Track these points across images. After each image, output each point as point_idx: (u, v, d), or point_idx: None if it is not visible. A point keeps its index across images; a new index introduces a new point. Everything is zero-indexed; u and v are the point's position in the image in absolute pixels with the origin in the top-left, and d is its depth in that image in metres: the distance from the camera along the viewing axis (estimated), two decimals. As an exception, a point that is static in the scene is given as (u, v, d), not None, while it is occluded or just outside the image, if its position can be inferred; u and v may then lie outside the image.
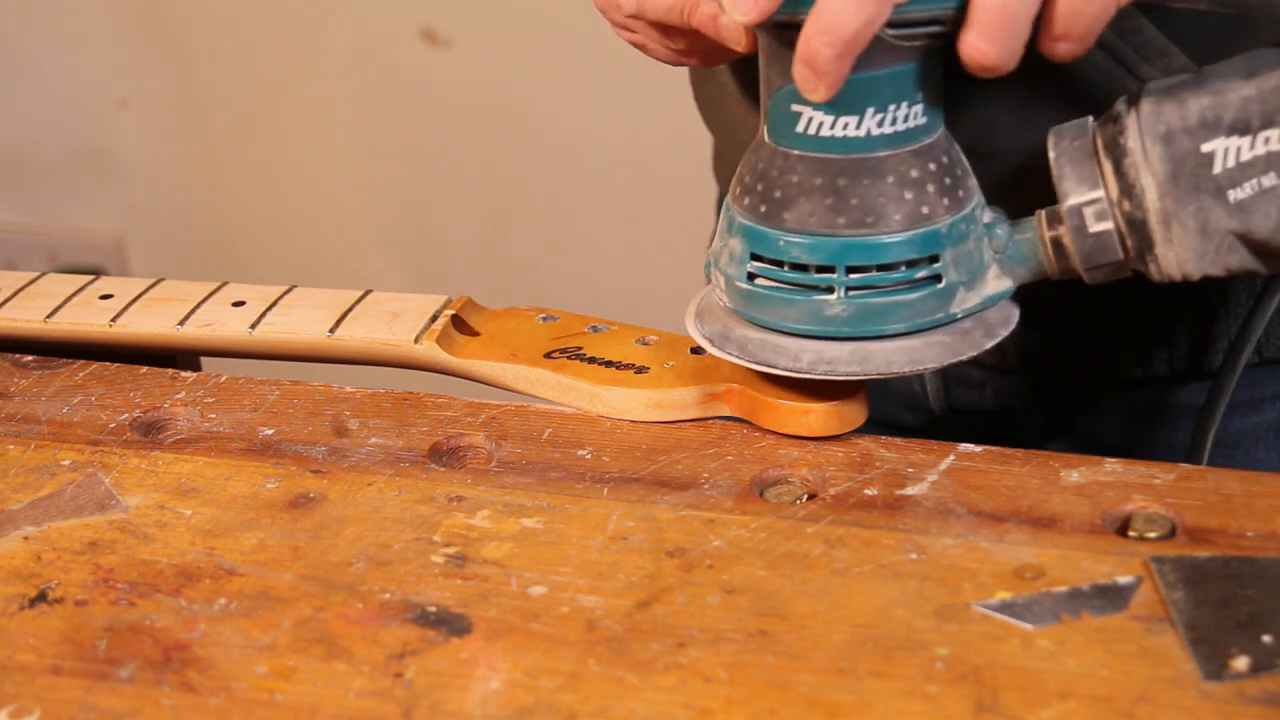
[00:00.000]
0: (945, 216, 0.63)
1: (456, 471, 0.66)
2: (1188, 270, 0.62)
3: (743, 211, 0.64)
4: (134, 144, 2.02)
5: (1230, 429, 0.80)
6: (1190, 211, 0.61)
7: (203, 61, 1.95)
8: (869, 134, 0.61)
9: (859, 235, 0.62)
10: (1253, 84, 0.60)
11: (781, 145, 0.63)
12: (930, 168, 0.63)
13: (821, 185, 0.62)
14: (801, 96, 0.60)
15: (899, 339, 0.64)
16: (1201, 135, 0.61)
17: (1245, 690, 0.52)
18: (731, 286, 0.66)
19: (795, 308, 0.64)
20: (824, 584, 0.58)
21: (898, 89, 0.61)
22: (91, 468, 0.66)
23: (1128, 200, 0.62)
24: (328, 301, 0.76)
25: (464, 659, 0.55)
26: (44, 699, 0.54)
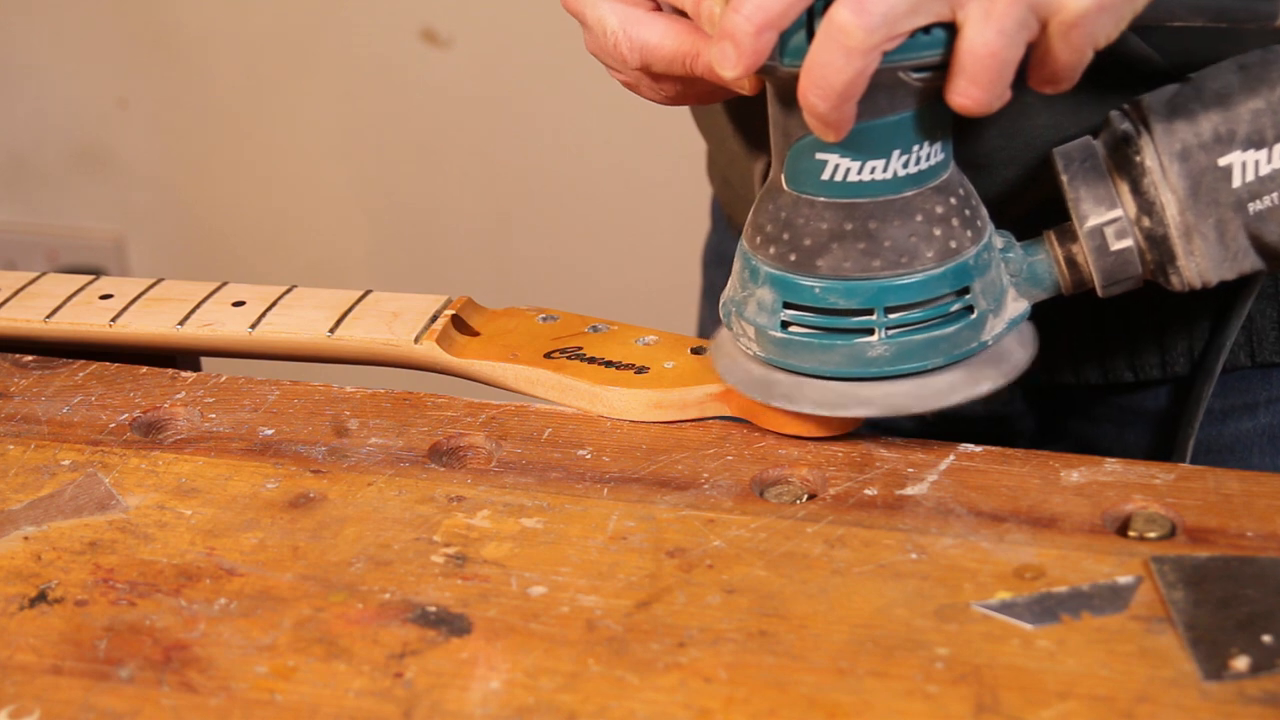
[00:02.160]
0: (971, 248, 0.64)
1: (456, 471, 0.66)
2: (1208, 278, 0.64)
3: (769, 261, 0.65)
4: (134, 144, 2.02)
5: (1224, 434, 0.80)
6: (1211, 224, 0.63)
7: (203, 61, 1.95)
8: (895, 175, 0.62)
9: (895, 276, 0.63)
10: (1260, 96, 0.62)
11: (805, 193, 0.63)
12: (952, 202, 0.64)
13: (853, 230, 0.63)
14: (825, 144, 0.61)
15: (946, 371, 0.65)
16: (1217, 150, 0.63)
17: (1245, 690, 0.52)
18: (763, 335, 0.66)
19: (836, 352, 0.64)
20: (824, 584, 0.58)
21: (920, 130, 0.62)
22: (91, 468, 0.66)
23: (1147, 217, 0.64)
24: (328, 301, 0.76)
25: (464, 659, 0.55)
26: (44, 699, 0.54)
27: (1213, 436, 0.80)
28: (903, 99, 0.61)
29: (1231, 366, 0.79)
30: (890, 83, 0.60)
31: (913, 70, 0.60)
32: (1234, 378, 0.80)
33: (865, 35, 0.56)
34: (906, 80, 0.60)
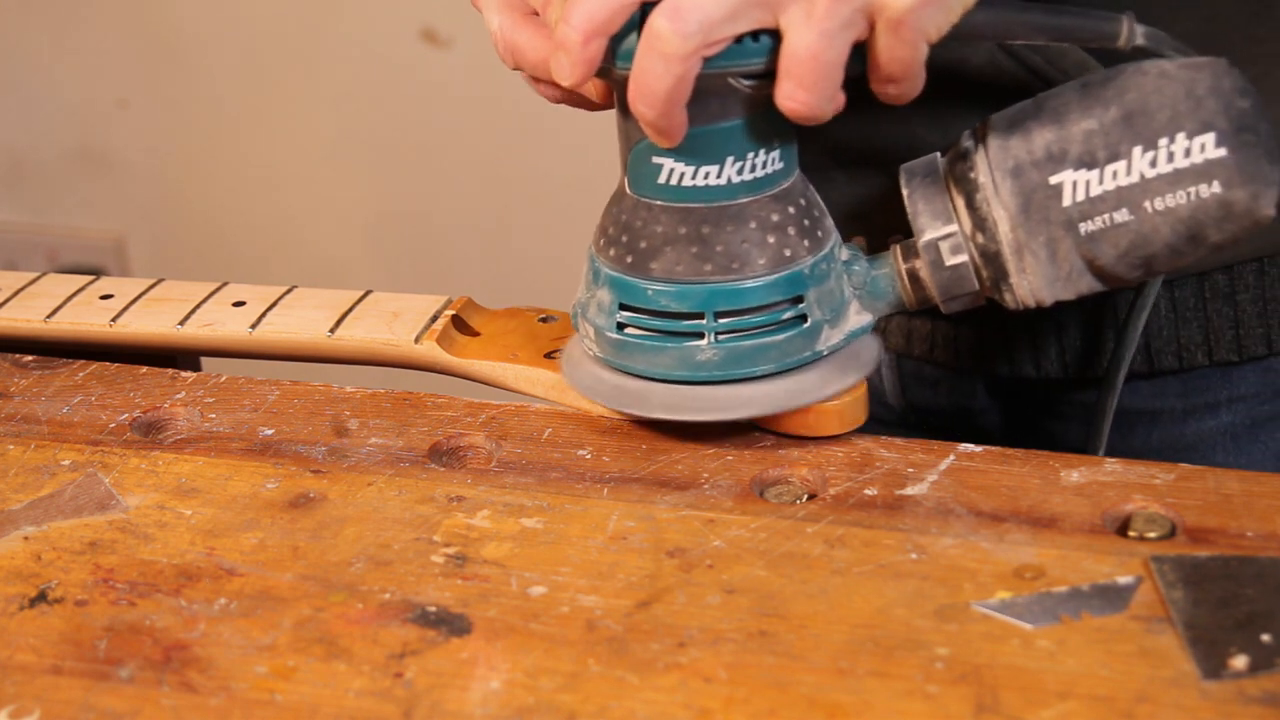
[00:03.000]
0: (807, 257, 0.64)
1: (456, 471, 0.66)
2: (1041, 297, 0.64)
3: (609, 262, 0.66)
4: (134, 144, 2.02)
5: (1186, 434, 0.81)
6: (1041, 242, 0.63)
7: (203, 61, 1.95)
8: (730, 182, 0.63)
9: (726, 281, 0.63)
10: (1094, 117, 0.62)
11: (644, 196, 0.64)
12: (790, 211, 0.64)
13: (686, 234, 0.63)
14: (661, 149, 0.62)
15: (772, 380, 0.65)
16: (1049, 168, 0.63)
17: (1245, 690, 0.52)
18: (601, 336, 0.67)
19: (666, 355, 0.65)
20: (824, 584, 0.58)
21: (755, 137, 0.62)
22: (91, 468, 0.66)
23: (981, 233, 0.64)
24: (328, 301, 0.76)
25: (464, 659, 0.55)
26: (44, 699, 0.54)
27: (1175, 436, 0.81)
28: (734, 105, 0.61)
29: (1190, 366, 0.79)
30: (720, 89, 0.61)
31: (742, 77, 0.60)
32: (1193, 377, 0.80)
33: (681, 42, 0.57)
34: (737, 86, 0.61)
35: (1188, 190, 0.61)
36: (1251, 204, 0.61)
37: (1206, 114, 0.61)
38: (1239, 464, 0.77)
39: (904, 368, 0.84)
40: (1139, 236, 0.62)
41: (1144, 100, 0.62)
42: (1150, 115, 0.61)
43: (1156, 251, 0.62)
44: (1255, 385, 0.80)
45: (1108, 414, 0.74)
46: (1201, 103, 0.61)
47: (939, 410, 0.85)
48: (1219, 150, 0.61)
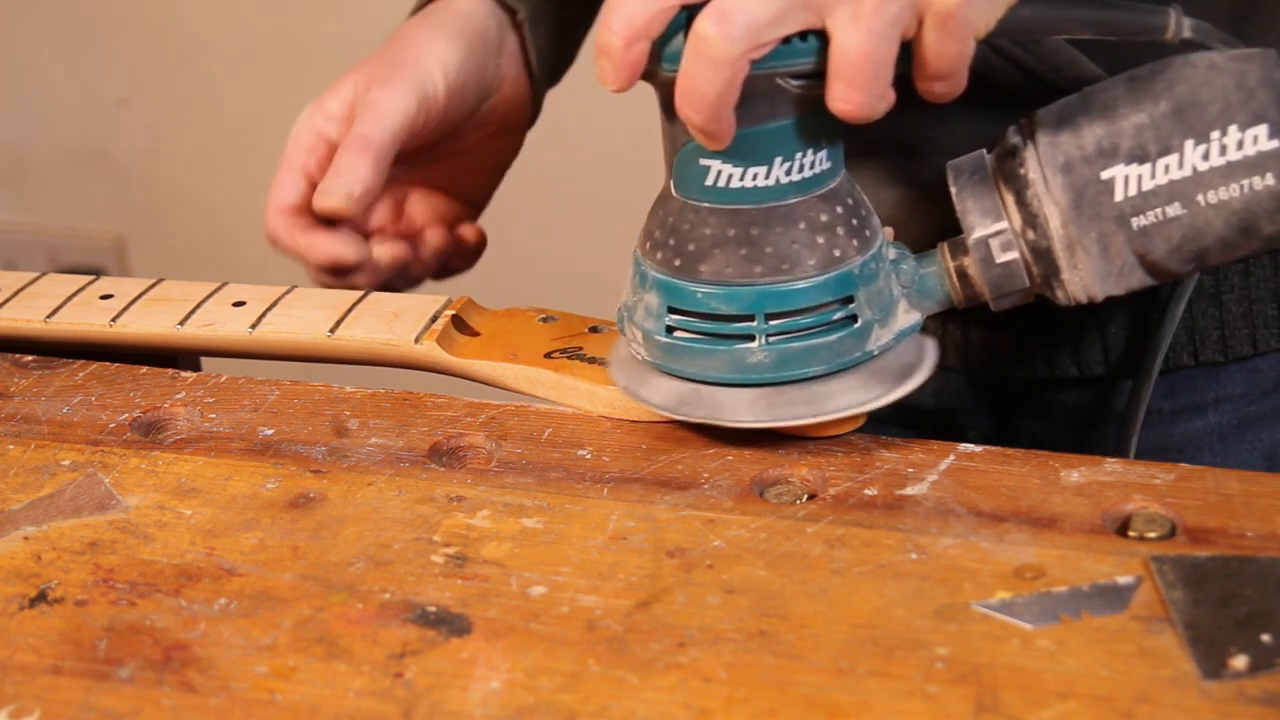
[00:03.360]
0: (856, 257, 0.64)
1: (456, 471, 0.66)
2: (1093, 293, 0.64)
3: (656, 266, 0.65)
4: (134, 144, 2.02)
5: (1174, 435, 0.81)
6: (1093, 238, 0.63)
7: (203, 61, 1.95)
8: (778, 183, 0.62)
9: (776, 282, 0.63)
10: (1144, 111, 0.62)
11: (691, 199, 0.64)
12: (838, 210, 0.64)
13: (735, 236, 0.63)
14: (708, 150, 0.61)
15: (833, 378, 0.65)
16: (1100, 163, 0.62)
17: (1245, 690, 0.52)
18: (650, 340, 0.66)
19: (717, 358, 0.65)
20: (824, 584, 0.58)
21: (803, 137, 0.62)
22: (91, 468, 0.66)
23: (1032, 230, 0.64)
24: (328, 301, 0.76)
25: (464, 659, 0.55)
26: (44, 699, 0.54)
27: (1163, 437, 0.81)
28: (783, 106, 0.61)
29: (1175, 366, 0.79)
30: (768, 90, 0.60)
31: (790, 77, 0.60)
32: (1179, 378, 0.80)
33: (729, 46, 0.57)
34: (785, 87, 0.60)
35: (1241, 183, 0.61)
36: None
37: (1259, 105, 0.61)
38: (1227, 465, 0.77)
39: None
40: (1192, 230, 0.62)
41: (1194, 93, 0.61)
42: (1201, 108, 0.61)
43: (1209, 245, 0.62)
44: (1242, 386, 0.80)
45: (1142, 404, 0.74)
46: (1253, 94, 0.61)
47: (924, 410, 0.85)
48: (1272, 142, 0.60)
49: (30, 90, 2.05)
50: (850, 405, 0.65)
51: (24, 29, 2.02)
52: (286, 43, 1.87)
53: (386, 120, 0.76)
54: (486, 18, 0.82)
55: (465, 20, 0.81)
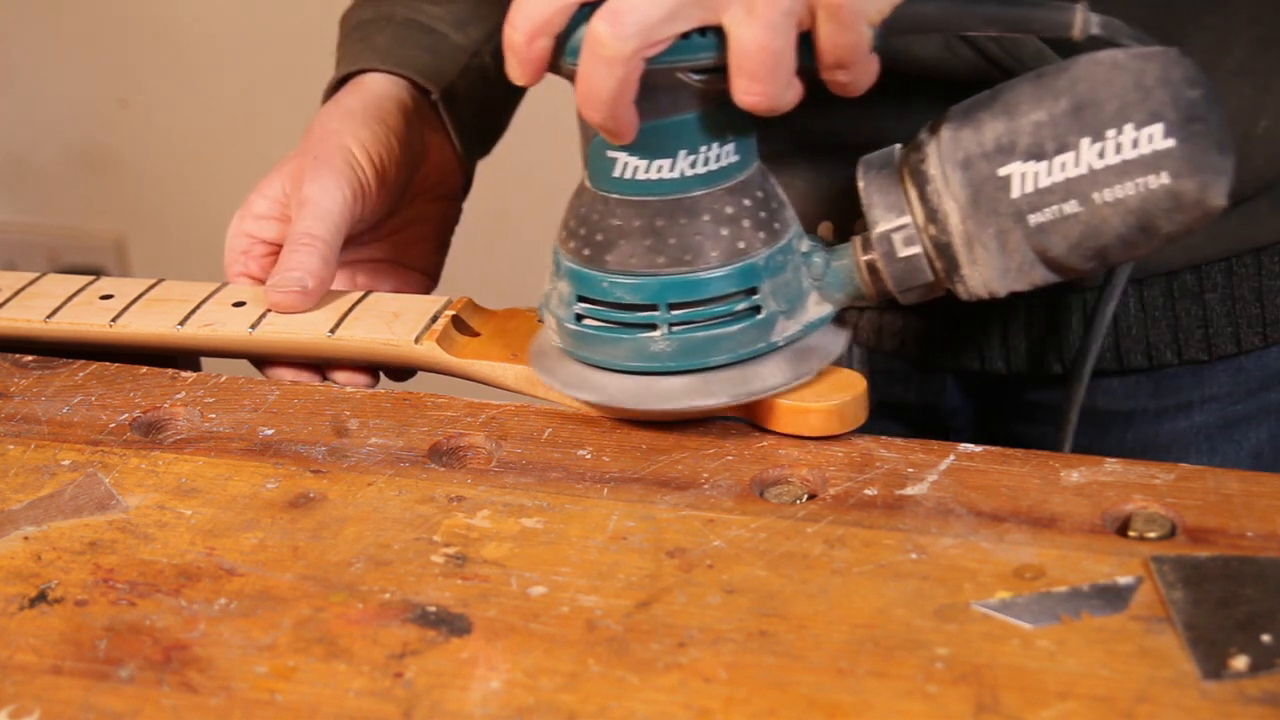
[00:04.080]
0: (762, 249, 0.65)
1: (456, 471, 0.66)
2: (993, 288, 0.64)
3: (568, 255, 0.66)
4: (134, 144, 2.02)
5: (1160, 434, 0.81)
6: (991, 234, 0.63)
7: (203, 61, 1.95)
8: (683, 175, 0.63)
9: (679, 273, 0.64)
10: (1044, 108, 0.62)
11: (601, 190, 0.65)
12: (745, 203, 0.64)
13: (640, 227, 0.64)
14: (616, 144, 0.62)
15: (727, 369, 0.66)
16: (998, 160, 0.62)
17: (1245, 690, 0.52)
18: (562, 328, 0.67)
19: (622, 346, 0.66)
20: (824, 584, 0.58)
21: (707, 131, 0.63)
22: (91, 468, 0.66)
23: (933, 225, 0.64)
24: (328, 301, 0.76)
25: (464, 659, 0.55)
26: (44, 699, 0.54)
27: (1150, 436, 0.81)
28: (686, 100, 0.62)
29: (1160, 364, 0.79)
30: (670, 84, 0.61)
31: (691, 72, 0.61)
32: (1165, 376, 0.80)
33: (620, 44, 0.58)
34: (687, 81, 0.61)
35: (1136, 181, 0.61)
36: (1201, 194, 0.60)
37: (1155, 104, 0.60)
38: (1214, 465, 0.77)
39: (875, 363, 0.84)
40: (1089, 228, 0.62)
41: (1094, 91, 0.61)
42: (1099, 106, 0.61)
43: (1108, 243, 0.62)
44: (1227, 385, 0.80)
45: (1074, 407, 0.74)
46: (1150, 93, 0.61)
47: (910, 407, 0.85)
48: (1167, 141, 0.60)
49: (30, 90, 2.05)
50: (770, 386, 0.66)
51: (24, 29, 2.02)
52: (286, 43, 1.87)
53: (325, 214, 0.77)
54: (400, 94, 0.83)
55: (379, 100, 0.82)
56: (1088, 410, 0.81)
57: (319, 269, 0.75)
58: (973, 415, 0.85)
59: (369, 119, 0.80)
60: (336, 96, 0.84)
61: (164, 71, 1.97)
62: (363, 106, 0.81)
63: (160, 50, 1.97)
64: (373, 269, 0.83)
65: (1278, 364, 0.80)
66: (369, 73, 0.84)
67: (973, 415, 0.85)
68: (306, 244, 0.75)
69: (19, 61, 2.04)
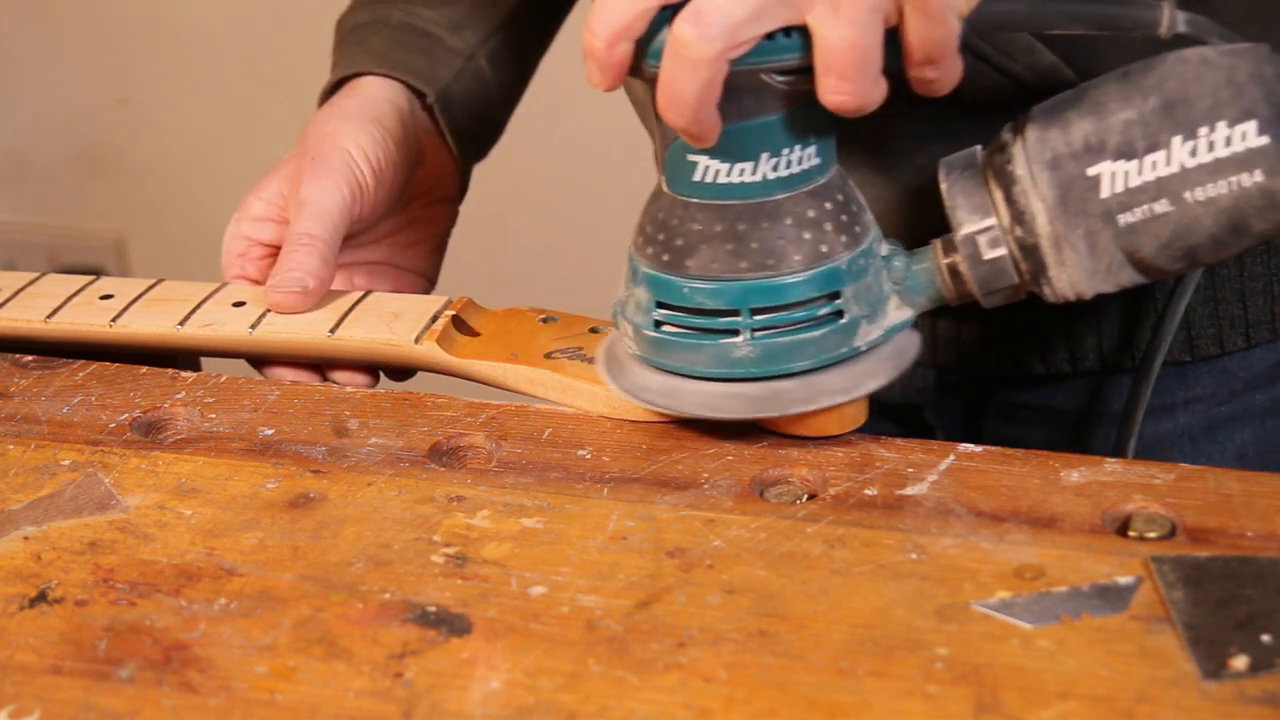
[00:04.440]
0: (844, 253, 0.64)
1: (456, 471, 0.66)
2: (1081, 290, 0.64)
3: (646, 261, 0.65)
4: (134, 144, 2.02)
5: (1145, 435, 0.81)
6: (1080, 234, 0.62)
7: (203, 61, 1.95)
8: (765, 179, 0.63)
9: (761, 278, 0.63)
10: (1133, 106, 0.61)
11: (680, 194, 0.64)
12: (827, 207, 0.64)
13: (722, 231, 0.63)
14: (695, 147, 0.61)
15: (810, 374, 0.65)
16: (1087, 160, 0.62)
17: (1245, 690, 0.52)
18: (640, 335, 0.66)
19: (703, 352, 0.65)
20: (824, 584, 0.58)
21: (790, 133, 0.62)
22: (91, 468, 0.66)
23: (1019, 226, 0.63)
24: (328, 301, 0.76)
25: (464, 659, 0.55)
26: (44, 699, 0.54)
27: None
28: (769, 102, 0.61)
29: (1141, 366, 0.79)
30: (754, 86, 0.60)
31: (775, 73, 0.60)
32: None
33: (705, 45, 0.57)
34: (770, 83, 0.60)
35: (1229, 180, 0.60)
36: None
37: (1248, 101, 0.60)
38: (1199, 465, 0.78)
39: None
40: (1180, 227, 0.61)
41: (1184, 89, 0.61)
42: (1190, 104, 0.61)
43: (1199, 242, 0.62)
44: (1211, 387, 0.80)
45: (1140, 405, 0.73)
46: (1243, 90, 0.60)
47: (890, 405, 0.85)
48: (1261, 138, 0.60)
49: (30, 90, 2.05)
50: (836, 396, 0.65)
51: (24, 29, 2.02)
52: (286, 43, 1.87)
53: (324, 215, 0.77)
54: (395, 97, 0.83)
55: (375, 103, 0.82)
56: (1072, 410, 0.82)
57: (319, 269, 0.75)
58: (959, 414, 0.85)
59: (366, 121, 0.80)
60: (333, 99, 0.84)
61: (164, 71, 1.97)
62: (360, 109, 0.81)
63: (160, 50, 1.97)
64: (371, 271, 0.83)
65: (1261, 366, 0.80)
66: (365, 76, 0.84)
67: (959, 414, 0.85)
68: (306, 244, 0.75)
69: (19, 61, 2.04)
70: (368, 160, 0.79)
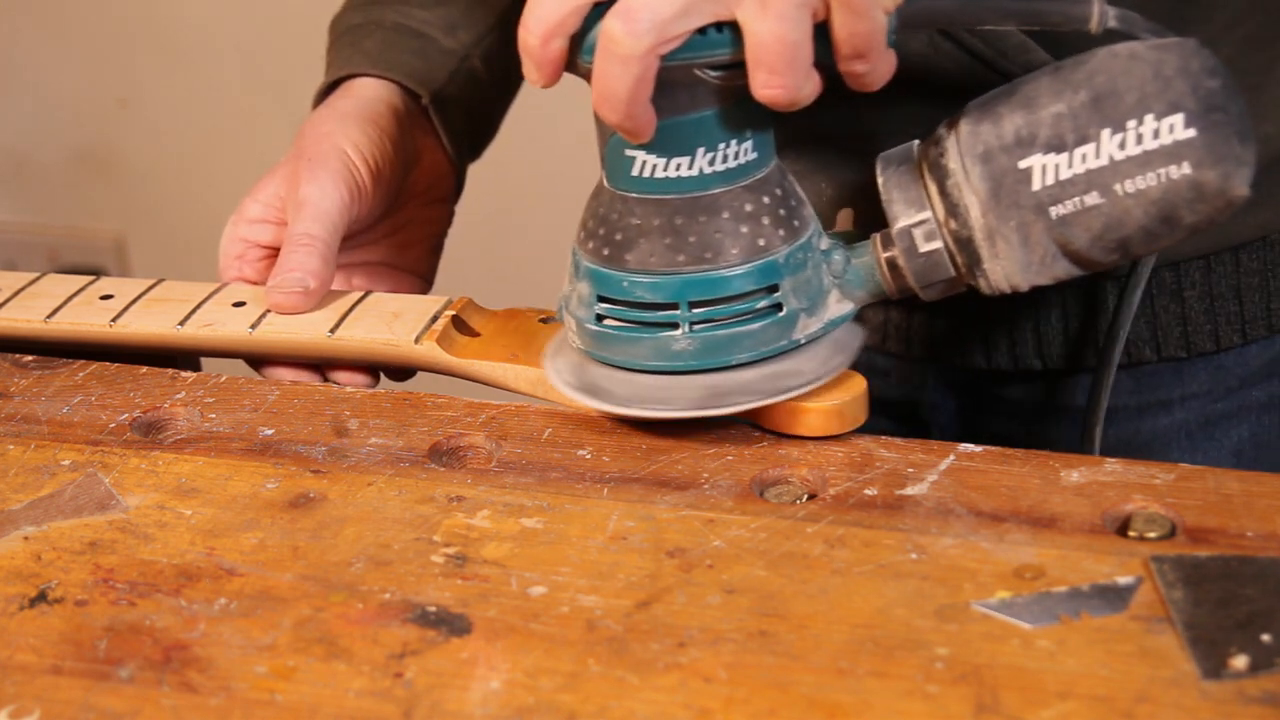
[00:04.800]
0: (782, 247, 0.65)
1: (456, 471, 0.66)
2: (1015, 282, 0.64)
3: (588, 255, 0.66)
4: (134, 144, 2.02)
5: (1141, 431, 0.81)
6: (1012, 227, 0.63)
7: (203, 61, 1.95)
8: (701, 173, 0.63)
9: (699, 271, 0.64)
10: (1063, 100, 0.62)
11: (619, 189, 0.65)
12: (764, 201, 0.64)
13: (660, 225, 0.64)
14: (632, 142, 0.62)
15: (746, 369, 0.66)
16: (1018, 153, 0.62)
17: (1245, 690, 0.52)
18: (583, 329, 0.67)
19: (643, 345, 0.66)
20: (824, 584, 0.58)
21: (726, 128, 0.63)
22: (91, 468, 0.66)
23: (954, 219, 0.64)
24: (328, 302, 0.76)
25: (464, 659, 0.55)
26: (44, 699, 0.54)
27: (1130, 433, 0.81)
28: (704, 97, 0.62)
29: (1138, 361, 0.79)
30: (688, 81, 0.61)
31: (709, 68, 0.60)
32: (1144, 373, 0.80)
33: (634, 42, 0.58)
34: (705, 78, 0.61)
35: (1158, 172, 0.61)
36: (1223, 184, 0.61)
37: (1174, 95, 0.60)
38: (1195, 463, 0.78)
39: (856, 357, 0.84)
40: (1111, 219, 0.62)
41: (1113, 82, 0.61)
42: (1119, 97, 0.61)
43: (1131, 234, 0.62)
44: (1207, 383, 0.80)
45: (1101, 406, 0.73)
46: (1170, 83, 0.61)
47: (890, 402, 0.85)
48: (1188, 131, 0.60)
49: (30, 90, 2.05)
50: (787, 389, 0.65)
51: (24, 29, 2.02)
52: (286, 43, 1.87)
53: (324, 215, 0.77)
54: (391, 98, 0.83)
55: (371, 104, 0.82)
56: (1068, 407, 0.82)
57: (320, 269, 0.75)
58: (955, 411, 0.85)
59: (362, 121, 0.80)
60: (328, 100, 0.84)
61: (164, 71, 1.97)
62: (355, 109, 0.81)
63: (160, 50, 1.97)
64: (368, 272, 0.83)
65: (1257, 362, 0.80)
66: (359, 77, 0.84)
67: (955, 411, 0.85)
68: (306, 244, 0.75)
69: (19, 61, 2.04)
70: (365, 161, 0.79)
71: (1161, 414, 0.81)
